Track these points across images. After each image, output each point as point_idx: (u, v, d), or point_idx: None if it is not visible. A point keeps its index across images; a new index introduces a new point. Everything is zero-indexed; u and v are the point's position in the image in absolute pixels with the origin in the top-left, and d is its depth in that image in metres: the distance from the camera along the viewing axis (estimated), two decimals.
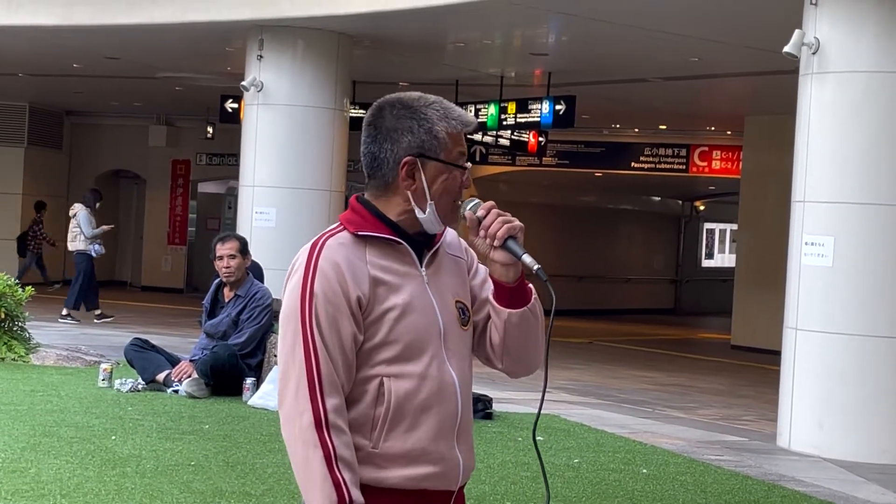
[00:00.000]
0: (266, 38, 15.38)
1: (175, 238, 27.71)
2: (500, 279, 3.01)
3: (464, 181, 3.01)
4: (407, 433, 2.89)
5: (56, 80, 22.62)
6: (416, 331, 2.92)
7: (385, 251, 2.95)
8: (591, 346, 20.75)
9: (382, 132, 2.99)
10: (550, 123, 18.02)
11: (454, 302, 3.02)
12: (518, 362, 3.11)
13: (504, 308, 3.02)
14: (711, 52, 15.32)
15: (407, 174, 2.96)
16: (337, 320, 2.85)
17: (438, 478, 2.93)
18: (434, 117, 2.98)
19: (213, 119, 23.31)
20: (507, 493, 7.15)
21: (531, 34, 15.99)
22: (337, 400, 2.83)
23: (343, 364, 2.85)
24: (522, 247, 2.96)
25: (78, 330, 17.41)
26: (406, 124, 2.97)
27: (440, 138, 2.96)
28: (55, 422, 8.72)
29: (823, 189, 10.45)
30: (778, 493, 7.96)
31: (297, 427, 2.81)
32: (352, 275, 2.88)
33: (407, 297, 2.92)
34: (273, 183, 15.45)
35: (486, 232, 2.97)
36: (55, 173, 27.91)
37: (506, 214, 2.98)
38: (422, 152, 2.96)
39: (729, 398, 14.69)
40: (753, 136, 21.45)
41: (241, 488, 6.87)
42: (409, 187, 2.96)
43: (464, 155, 3.02)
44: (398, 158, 2.96)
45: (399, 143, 2.96)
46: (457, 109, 3.04)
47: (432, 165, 2.97)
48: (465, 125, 3.02)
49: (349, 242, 2.93)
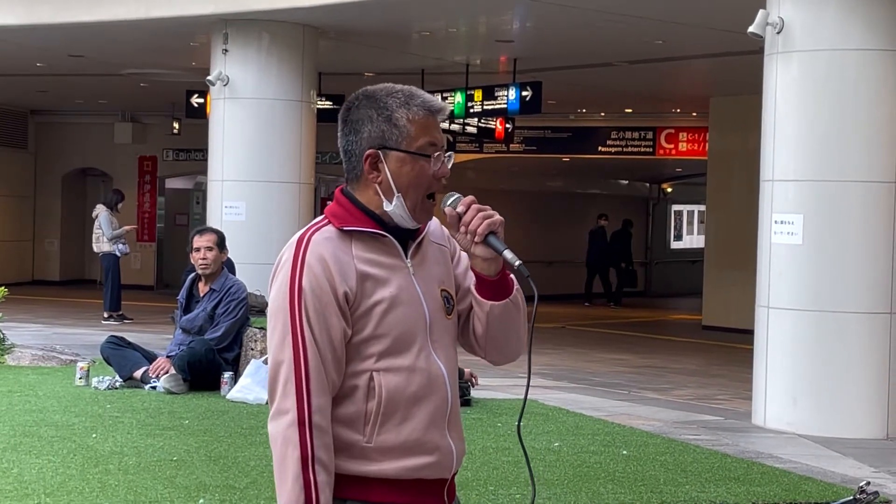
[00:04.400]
0: (230, 31, 15.35)
1: (144, 235, 27.63)
2: (482, 273, 3.01)
3: (436, 172, 2.96)
4: (400, 426, 2.91)
5: (19, 79, 22.49)
6: (405, 324, 2.92)
7: (370, 245, 2.94)
8: (563, 330, 20.82)
9: (349, 124, 2.98)
10: (517, 110, 18.08)
11: (439, 291, 3.02)
12: (500, 351, 3.12)
13: (486, 300, 3.02)
14: (675, 34, 15.37)
15: (371, 166, 2.94)
16: (325, 316, 2.85)
17: (433, 467, 2.96)
18: (393, 105, 2.94)
19: (179, 114, 23.25)
20: (490, 479, 7.19)
21: (496, 21, 16.01)
22: (323, 399, 2.84)
23: (333, 359, 2.86)
24: (503, 242, 2.95)
25: (51, 330, 17.38)
26: (366, 114, 2.95)
27: (400, 126, 2.92)
28: (34, 421, 8.71)
29: (791, 168, 10.52)
30: (757, 470, 8.03)
31: (282, 424, 2.83)
32: (338, 269, 2.87)
33: (394, 290, 2.92)
34: (242, 177, 15.44)
35: (467, 228, 2.96)
36: (21, 173, 27.78)
37: (486, 209, 2.97)
38: (382, 143, 2.93)
39: (703, 378, 14.79)
40: (719, 117, 21.55)
41: (224, 482, 6.89)
42: (375, 180, 2.94)
43: (434, 145, 2.96)
44: (362, 150, 2.95)
45: (361, 134, 2.95)
46: (422, 96, 2.97)
47: (394, 156, 2.93)
48: (430, 111, 2.96)
49: (335, 237, 2.92)
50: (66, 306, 22.18)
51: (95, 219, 19.44)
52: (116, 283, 19.15)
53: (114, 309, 19.13)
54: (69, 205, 28.51)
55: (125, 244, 19.60)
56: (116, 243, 19.20)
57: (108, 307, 19.12)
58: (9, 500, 6.34)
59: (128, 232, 20.00)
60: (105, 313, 19.14)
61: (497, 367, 13.76)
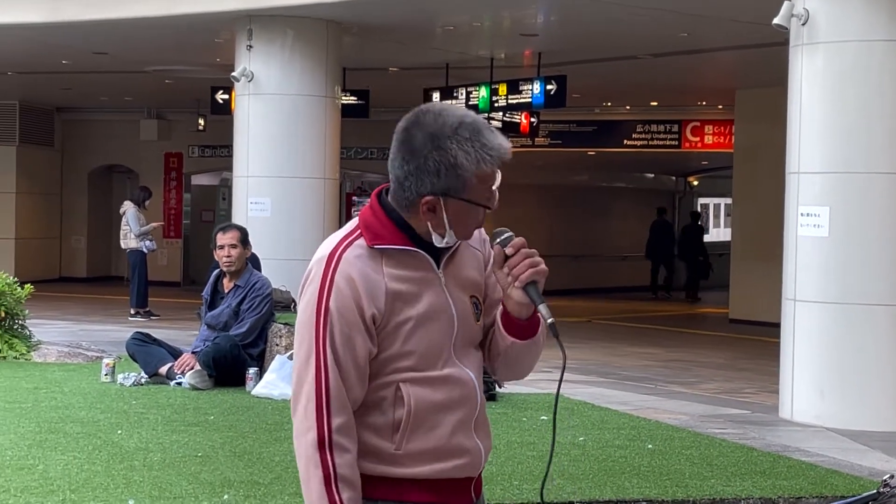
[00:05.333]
0: (255, 28, 15.35)
1: (170, 231, 27.70)
2: (512, 313, 2.98)
3: (488, 209, 2.91)
4: (428, 433, 2.91)
5: (45, 77, 22.57)
6: (431, 339, 2.91)
7: (402, 260, 2.91)
8: (589, 324, 20.77)
9: (408, 159, 2.86)
10: (542, 104, 18.03)
11: (469, 297, 3.00)
12: (511, 372, 3.14)
13: (510, 337, 3.01)
14: (700, 26, 15.31)
15: (428, 209, 2.88)
16: (351, 337, 2.84)
17: (463, 468, 2.97)
18: (463, 160, 2.81)
19: (205, 111, 23.28)
20: (514, 473, 7.17)
21: (520, 15, 15.98)
22: (343, 419, 2.84)
23: (356, 377, 2.86)
24: (541, 294, 2.93)
25: (78, 326, 17.44)
26: (433, 165, 2.82)
27: (467, 180, 2.83)
28: (60, 418, 8.73)
29: (817, 159, 10.46)
30: (784, 464, 7.98)
31: (303, 444, 2.86)
32: (367, 290, 2.85)
33: (424, 307, 2.90)
34: (267, 173, 15.45)
35: (511, 271, 2.93)
36: (48, 170, 27.87)
37: (534, 254, 2.94)
38: (445, 192, 2.85)
39: (730, 372, 14.73)
40: (745, 109, 21.46)
41: (249, 478, 6.89)
42: (429, 219, 2.89)
43: (493, 191, 2.88)
44: (421, 193, 2.86)
45: (422, 181, 2.85)
46: (493, 143, 2.85)
47: (455, 203, 2.87)
48: (500, 161, 2.86)
49: (366, 255, 2.88)
50: (93, 303, 22.25)
51: (123, 215, 19.52)
52: (143, 279, 19.22)
53: (140, 305, 19.20)
54: (95, 202, 28.61)
55: (152, 241, 19.68)
56: (143, 240, 19.28)
57: (135, 304, 19.20)
58: (34, 497, 6.35)
59: (154, 229, 20.07)
60: (132, 310, 19.21)
61: None
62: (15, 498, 6.32)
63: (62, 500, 6.32)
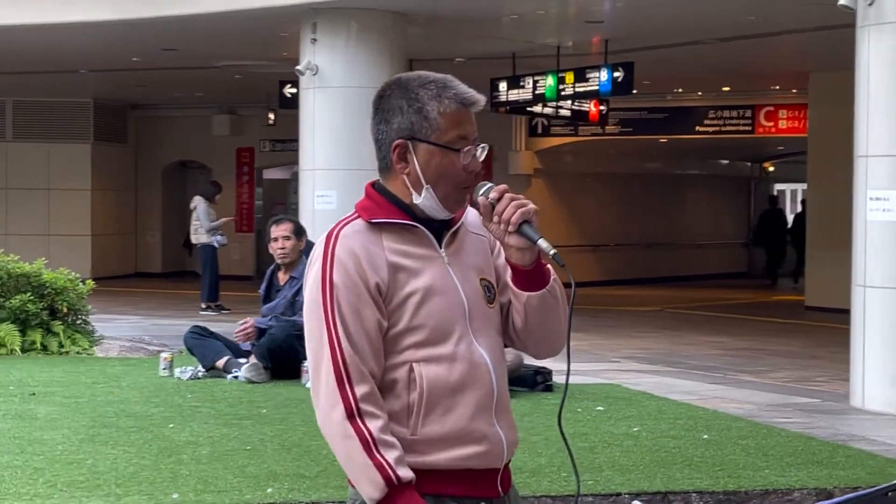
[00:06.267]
0: (319, 21, 15.34)
1: (242, 225, 27.85)
2: (517, 263, 2.96)
3: (466, 166, 2.92)
4: (444, 416, 2.88)
5: (117, 74, 22.77)
6: (441, 313, 2.89)
7: (402, 236, 2.91)
8: (661, 313, 20.58)
9: (380, 113, 2.96)
10: (609, 91, 17.86)
11: (479, 280, 2.98)
12: (540, 343, 3.08)
13: (522, 291, 2.98)
14: (767, 9, 15.08)
15: (399, 157, 2.92)
16: (359, 309, 2.84)
17: (483, 457, 2.92)
18: (425, 97, 2.90)
19: (274, 105, 23.35)
20: (564, 465, 7.07)
21: (586, 2, 15.84)
22: (366, 388, 2.81)
23: (371, 351, 2.84)
24: (537, 230, 2.90)
25: (149, 321, 17.57)
26: (397, 104, 2.91)
27: (431, 118, 2.89)
28: (114, 412, 8.76)
29: (885, 142, 10.28)
30: (842, 454, 7.81)
31: (332, 422, 2.82)
32: (369, 262, 2.86)
33: (428, 280, 2.89)
34: (332, 165, 15.44)
35: (500, 217, 2.91)
36: (122, 167, 28.16)
37: (519, 198, 2.92)
38: (412, 134, 2.90)
39: (802, 360, 14.51)
40: (818, 93, 21.12)
41: (295, 471, 6.85)
42: (404, 171, 2.92)
43: (465, 138, 2.91)
44: (391, 140, 2.92)
45: (391, 125, 2.92)
46: (455, 87, 2.93)
47: (423, 148, 2.90)
48: (463, 104, 2.91)
49: (364, 230, 2.90)
50: (166, 298, 22.46)
51: (193, 210, 19.66)
52: (214, 273, 19.32)
53: (211, 299, 19.31)
54: (169, 197, 28.85)
55: (223, 235, 19.80)
56: (214, 234, 19.39)
57: (206, 297, 19.32)
58: (79, 491, 6.36)
59: (225, 223, 20.17)
60: (203, 304, 19.31)
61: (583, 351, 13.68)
62: (61, 493, 6.33)
63: (107, 494, 6.32)
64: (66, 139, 26.54)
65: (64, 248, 25.40)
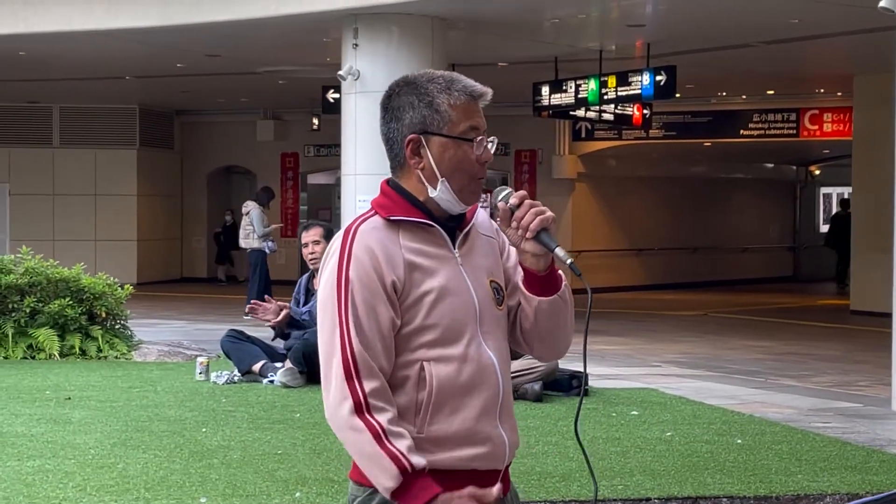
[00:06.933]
0: (360, 26, 15.37)
1: (287, 230, 27.95)
2: (531, 268, 2.99)
3: (479, 156, 2.96)
4: (451, 416, 2.91)
5: (162, 80, 22.94)
6: (454, 313, 2.92)
7: (418, 234, 2.94)
8: (705, 317, 20.47)
9: (390, 112, 2.99)
10: (651, 95, 17.78)
11: (489, 282, 3.01)
12: (547, 347, 3.12)
13: (534, 296, 3.01)
14: (811, 12, 14.99)
15: (412, 152, 2.95)
16: (374, 306, 2.86)
17: (486, 458, 2.95)
18: (434, 90, 2.94)
19: (318, 110, 23.43)
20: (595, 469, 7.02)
21: (628, 5, 15.78)
22: (375, 383, 2.83)
23: (382, 348, 2.86)
24: (554, 238, 2.94)
25: (193, 326, 17.64)
26: (407, 100, 2.95)
27: (442, 111, 2.93)
28: (148, 416, 8.82)
29: None
30: (877, 459, 7.73)
31: (341, 417, 2.83)
32: (386, 259, 2.88)
33: (443, 280, 2.92)
34: (374, 170, 15.43)
35: (519, 223, 2.95)
36: (168, 173, 28.36)
37: (538, 205, 2.96)
38: (424, 128, 2.93)
39: (846, 364, 14.39)
40: (863, 95, 20.96)
41: (324, 475, 6.86)
42: (418, 166, 2.95)
43: (476, 129, 2.96)
44: (404, 136, 2.95)
45: (402, 121, 2.95)
46: (462, 81, 2.98)
47: (436, 141, 2.94)
48: (472, 96, 2.96)
49: (382, 227, 2.93)
50: (212, 303, 22.54)
51: (246, 215, 19.67)
52: (264, 278, 19.35)
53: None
54: (215, 203, 29.01)
55: (274, 241, 19.89)
56: (266, 240, 19.45)
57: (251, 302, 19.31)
58: (108, 495, 6.40)
59: (275, 230, 20.30)
60: (247, 308, 19.31)
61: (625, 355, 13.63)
62: (90, 497, 6.37)
63: (136, 498, 6.36)
64: (113, 145, 26.76)
65: (110, 253, 25.62)
